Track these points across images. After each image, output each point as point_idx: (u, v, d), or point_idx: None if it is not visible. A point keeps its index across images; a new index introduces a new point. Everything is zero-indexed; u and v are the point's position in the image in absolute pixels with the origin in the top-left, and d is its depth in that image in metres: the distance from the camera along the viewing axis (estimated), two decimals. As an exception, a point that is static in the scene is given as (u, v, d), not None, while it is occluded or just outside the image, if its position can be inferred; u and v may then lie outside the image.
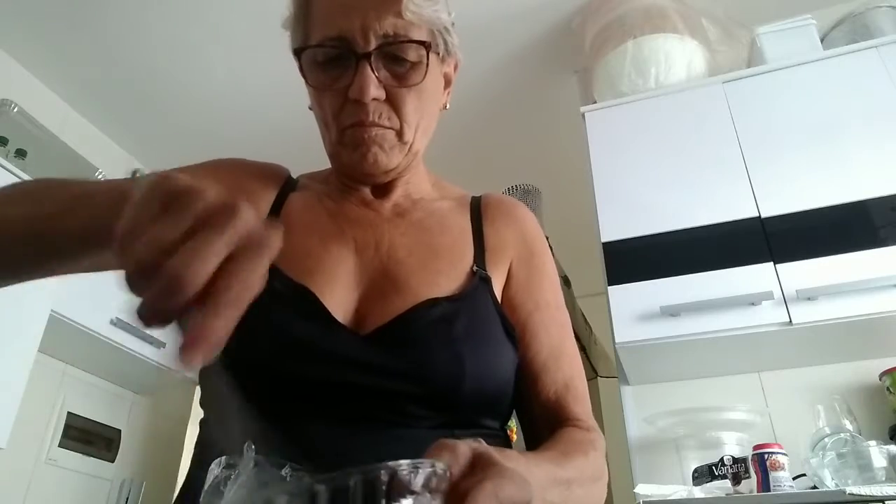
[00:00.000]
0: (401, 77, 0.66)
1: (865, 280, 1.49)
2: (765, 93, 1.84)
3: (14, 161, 1.94)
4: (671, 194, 1.77)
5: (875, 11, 1.96)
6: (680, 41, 1.99)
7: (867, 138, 1.67)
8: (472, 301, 0.67)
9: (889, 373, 1.59)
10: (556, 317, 0.73)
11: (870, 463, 1.38)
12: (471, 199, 0.80)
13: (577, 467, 0.61)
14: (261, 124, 2.58)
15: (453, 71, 0.77)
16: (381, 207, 0.74)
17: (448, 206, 0.78)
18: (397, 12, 0.64)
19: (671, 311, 1.61)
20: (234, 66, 2.39)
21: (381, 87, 0.65)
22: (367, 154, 0.67)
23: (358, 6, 0.64)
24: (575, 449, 0.63)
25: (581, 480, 0.59)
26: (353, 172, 0.72)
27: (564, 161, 2.67)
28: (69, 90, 2.52)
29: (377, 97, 0.65)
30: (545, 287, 0.75)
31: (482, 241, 0.74)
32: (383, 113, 0.66)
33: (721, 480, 1.49)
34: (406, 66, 0.66)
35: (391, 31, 0.64)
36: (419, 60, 0.66)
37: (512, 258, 0.74)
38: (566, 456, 0.60)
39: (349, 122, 0.66)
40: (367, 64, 0.64)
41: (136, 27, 2.28)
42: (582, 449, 0.63)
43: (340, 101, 0.66)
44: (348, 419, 0.58)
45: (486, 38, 2.34)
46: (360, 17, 0.64)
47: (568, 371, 0.71)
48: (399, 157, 0.69)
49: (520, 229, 0.77)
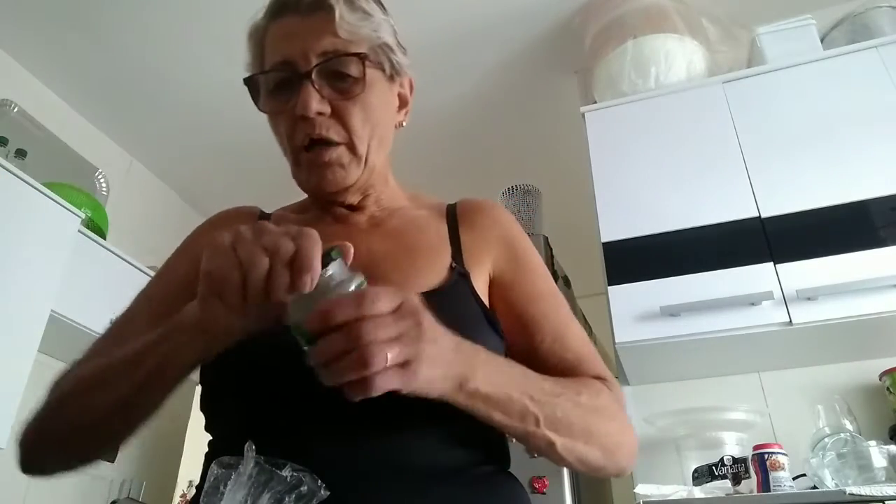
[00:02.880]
0: (343, 91, 0.70)
1: (865, 280, 1.49)
2: (765, 93, 1.84)
3: (14, 161, 1.94)
4: (671, 194, 1.77)
5: (875, 11, 1.96)
6: (680, 41, 1.99)
7: (867, 138, 1.67)
8: (452, 293, 0.68)
9: (889, 373, 1.59)
10: (552, 303, 0.75)
11: (870, 463, 1.38)
12: (447, 206, 0.82)
13: (566, 385, 0.63)
14: (261, 124, 2.58)
15: (409, 91, 0.80)
16: (357, 221, 0.77)
17: (425, 214, 0.80)
18: (333, 32, 0.69)
19: (671, 311, 1.61)
20: (235, 67, 2.38)
21: (324, 102, 0.68)
22: (324, 173, 0.70)
23: (298, 32, 0.69)
24: (573, 380, 0.66)
25: (569, 396, 0.62)
26: (316, 193, 0.75)
27: (564, 161, 2.67)
28: (69, 90, 2.52)
29: (321, 111, 0.68)
30: (535, 279, 0.76)
31: (459, 243, 0.75)
32: (331, 127, 0.69)
33: (721, 480, 1.49)
34: (348, 81, 0.70)
35: (329, 48, 0.69)
36: (360, 76, 0.70)
37: (493, 258, 0.75)
38: (555, 378, 0.63)
39: (300, 142, 0.70)
40: (308, 82, 0.67)
41: (136, 27, 2.28)
42: (577, 383, 0.66)
43: (291, 123, 0.70)
44: (340, 417, 0.58)
45: (487, 39, 2.34)
46: (301, 42, 0.69)
47: (576, 346, 0.72)
48: (357, 172, 0.72)
49: (498, 230, 0.78)
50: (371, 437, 0.58)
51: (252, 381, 0.62)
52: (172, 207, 3.13)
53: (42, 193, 1.87)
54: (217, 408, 0.67)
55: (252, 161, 2.92)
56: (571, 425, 0.61)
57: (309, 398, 0.59)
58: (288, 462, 0.49)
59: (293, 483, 0.48)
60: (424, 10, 2.17)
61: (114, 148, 2.80)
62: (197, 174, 3.03)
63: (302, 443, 0.57)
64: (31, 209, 1.84)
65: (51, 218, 1.90)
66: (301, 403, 0.59)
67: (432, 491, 0.57)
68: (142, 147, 2.85)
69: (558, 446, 0.60)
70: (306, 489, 0.48)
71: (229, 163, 2.96)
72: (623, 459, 0.68)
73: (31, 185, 1.83)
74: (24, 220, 1.81)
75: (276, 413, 0.60)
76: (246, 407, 0.62)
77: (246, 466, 0.48)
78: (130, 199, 2.82)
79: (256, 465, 0.48)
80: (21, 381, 1.73)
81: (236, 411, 0.63)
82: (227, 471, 0.48)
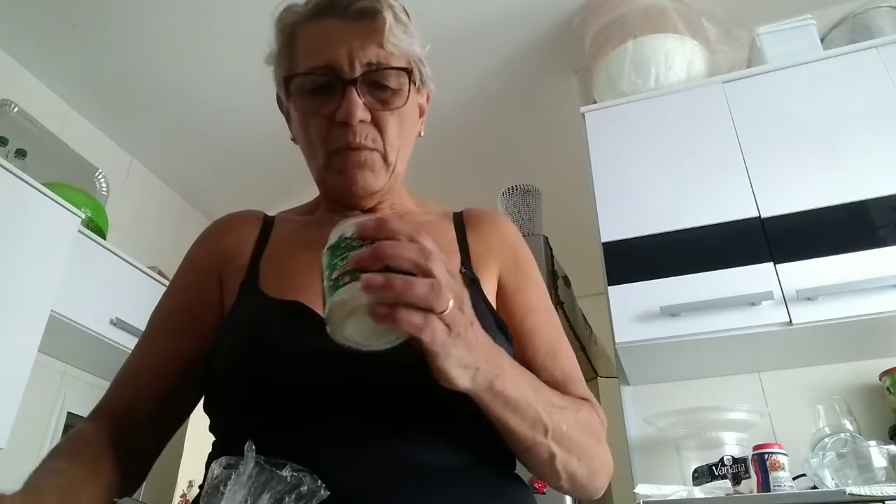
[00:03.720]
0: (384, 102, 0.71)
1: (865, 280, 1.49)
2: (765, 93, 1.84)
3: (14, 161, 1.94)
4: (671, 194, 1.77)
5: (875, 11, 1.96)
6: (680, 41, 1.99)
7: (867, 138, 1.67)
8: None
9: (889, 373, 1.59)
10: (547, 320, 0.76)
11: (870, 463, 1.38)
12: (453, 213, 0.83)
13: (567, 401, 0.64)
14: (261, 124, 2.58)
15: (426, 102, 0.82)
16: None
17: (433, 219, 0.81)
18: (379, 43, 0.70)
19: (671, 311, 1.61)
20: (235, 67, 2.39)
21: (366, 111, 0.69)
22: (355, 176, 0.71)
23: (343, 38, 0.70)
24: (569, 397, 0.67)
25: (571, 411, 0.63)
26: (340, 195, 0.76)
27: (564, 161, 2.67)
28: (69, 90, 2.52)
29: (363, 119, 0.69)
30: (533, 293, 0.77)
31: (467, 249, 0.76)
32: (369, 135, 0.70)
33: (721, 480, 1.49)
34: (388, 93, 0.71)
35: (374, 59, 0.70)
36: (400, 88, 0.72)
37: (499, 266, 0.76)
38: (559, 393, 0.65)
39: (336, 146, 0.70)
40: (353, 89, 0.68)
41: (136, 27, 2.28)
42: (575, 401, 0.67)
43: (327, 126, 0.70)
44: (344, 417, 0.58)
45: (487, 39, 2.34)
46: (346, 48, 0.69)
47: (566, 365, 0.73)
48: (384, 180, 0.73)
49: (503, 239, 0.79)
50: (374, 438, 0.57)
51: (255, 382, 0.61)
52: (172, 207, 3.13)
53: (42, 193, 1.87)
54: (220, 409, 0.67)
55: (252, 161, 2.92)
56: (571, 440, 0.62)
57: (313, 398, 0.59)
58: (288, 462, 0.49)
59: (293, 483, 0.48)
60: (424, 10, 2.16)
61: (114, 148, 2.80)
62: (197, 174, 3.03)
63: (304, 443, 0.56)
64: (31, 209, 1.83)
65: (51, 218, 1.89)
66: (305, 404, 0.59)
67: (436, 492, 0.56)
68: (142, 147, 2.85)
69: (558, 459, 0.61)
70: (306, 489, 0.48)
71: (229, 163, 2.96)
72: (601, 482, 0.69)
73: (31, 185, 1.83)
74: (24, 220, 1.81)
75: (279, 413, 0.60)
76: (249, 407, 0.62)
77: (246, 466, 0.48)
78: (130, 199, 2.82)
79: (256, 465, 0.48)
80: (21, 381, 1.72)
81: (239, 412, 0.63)
82: (228, 471, 0.48)
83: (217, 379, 0.65)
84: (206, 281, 0.75)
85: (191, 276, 0.77)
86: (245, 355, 0.62)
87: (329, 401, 0.59)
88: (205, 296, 0.73)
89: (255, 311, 0.67)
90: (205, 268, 0.76)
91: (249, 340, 0.63)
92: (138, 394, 0.70)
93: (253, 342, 0.63)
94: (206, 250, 0.79)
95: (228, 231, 0.80)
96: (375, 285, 0.44)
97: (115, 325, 2.08)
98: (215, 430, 0.68)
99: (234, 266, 0.73)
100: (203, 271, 0.76)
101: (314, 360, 0.59)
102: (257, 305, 0.67)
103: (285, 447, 0.52)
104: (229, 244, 0.77)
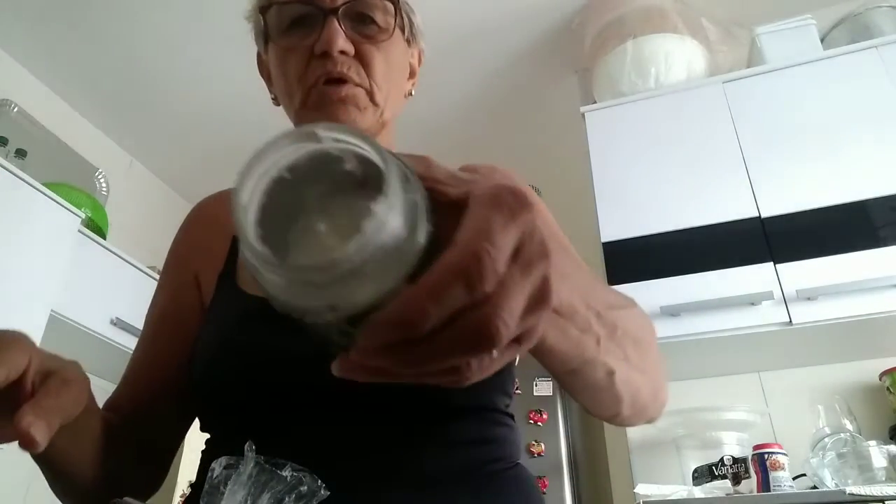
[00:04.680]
0: (368, 36, 0.65)
1: (865, 280, 1.49)
2: (765, 93, 1.84)
3: (14, 161, 1.94)
4: (671, 194, 1.77)
5: (875, 11, 1.96)
6: (680, 41, 1.99)
7: (867, 138, 1.67)
8: None
9: (889, 373, 1.59)
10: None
11: (870, 463, 1.38)
12: None
13: (620, 295, 0.53)
14: (261, 124, 2.58)
15: (417, 62, 0.76)
16: None
17: None
18: None
19: (671, 311, 1.61)
20: (235, 66, 2.39)
21: (348, 42, 0.63)
22: (337, 111, 0.63)
23: None
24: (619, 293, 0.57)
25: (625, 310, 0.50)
26: None
27: (564, 161, 2.67)
28: (69, 90, 2.52)
29: (345, 50, 0.63)
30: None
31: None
32: (352, 67, 0.64)
33: (721, 480, 1.49)
34: (374, 29, 0.66)
35: None
36: (386, 27, 0.66)
37: None
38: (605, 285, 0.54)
39: (314, 79, 0.64)
40: (334, 18, 0.63)
41: (136, 27, 2.28)
42: (627, 297, 0.56)
43: (306, 60, 0.64)
44: (343, 416, 0.57)
45: (487, 39, 2.35)
46: None
47: None
48: (371, 119, 0.66)
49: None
50: (375, 437, 0.56)
51: (249, 380, 0.61)
52: (172, 207, 3.13)
53: (42, 193, 1.87)
54: (213, 407, 0.66)
55: (252, 161, 2.92)
56: (632, 349, 0.48)
57: (310, 396, 0.58)
58: (288, 462, 0.49)
59: (293, 483, 0.48)
60: (424, 10, 2.17)
61: (114, 148, 2.80)
62: (197, 174, 3.03)
63: (302, 443, 0.56)
64: (31, 209, 1.84)
65: (51, 218, 1.90)
66: (302, 402, 0.58)
67: (438, 491, 0.55)
68: (142, 147, 2.85)
69: (617, 376, 0.46)
70: (306, 489, 0.48)
71: (229, 163, 2.95)
72: (664, 395, 0.56)
73: (31, 185, 1.83)
74: (24, 220, 1.81)
75: (276, 412, 0.59)
76: (243, 407, 0.61)
77: (246, 466, 0.47)
78: (130, 199, 2.82)
79: (256, 465, 0.48)
80: (21, 381, 1.73)
81: (233, 411, 0.62)
82: (228, 471, 0.48)
83: (197, 383, 0.64)
84: (183, 278, 0.72)
85: (170, 274, 0.75)
86: (239, 354, 0.60)
87: (329, 401, 0.58)
88: (184, 297, 0.71)
89: (231, 313, 0.64)
90: (182, 264, 0.74)
91: (242, 339, 0.61)
92: (137, 396, 0.69)
93: (247, 341, 0.60)
94: (185, 239, 0.76)
95: (205, 218, 0.77)
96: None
97: (115, 324, 2.08)
98: (208, 428, 0.67)
99: (212, 255, 0.70)
100: (181, 269, 0.74)
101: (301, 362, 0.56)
102: (234, 305, 0.64)
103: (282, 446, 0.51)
104: (206, 234, 0.74)
